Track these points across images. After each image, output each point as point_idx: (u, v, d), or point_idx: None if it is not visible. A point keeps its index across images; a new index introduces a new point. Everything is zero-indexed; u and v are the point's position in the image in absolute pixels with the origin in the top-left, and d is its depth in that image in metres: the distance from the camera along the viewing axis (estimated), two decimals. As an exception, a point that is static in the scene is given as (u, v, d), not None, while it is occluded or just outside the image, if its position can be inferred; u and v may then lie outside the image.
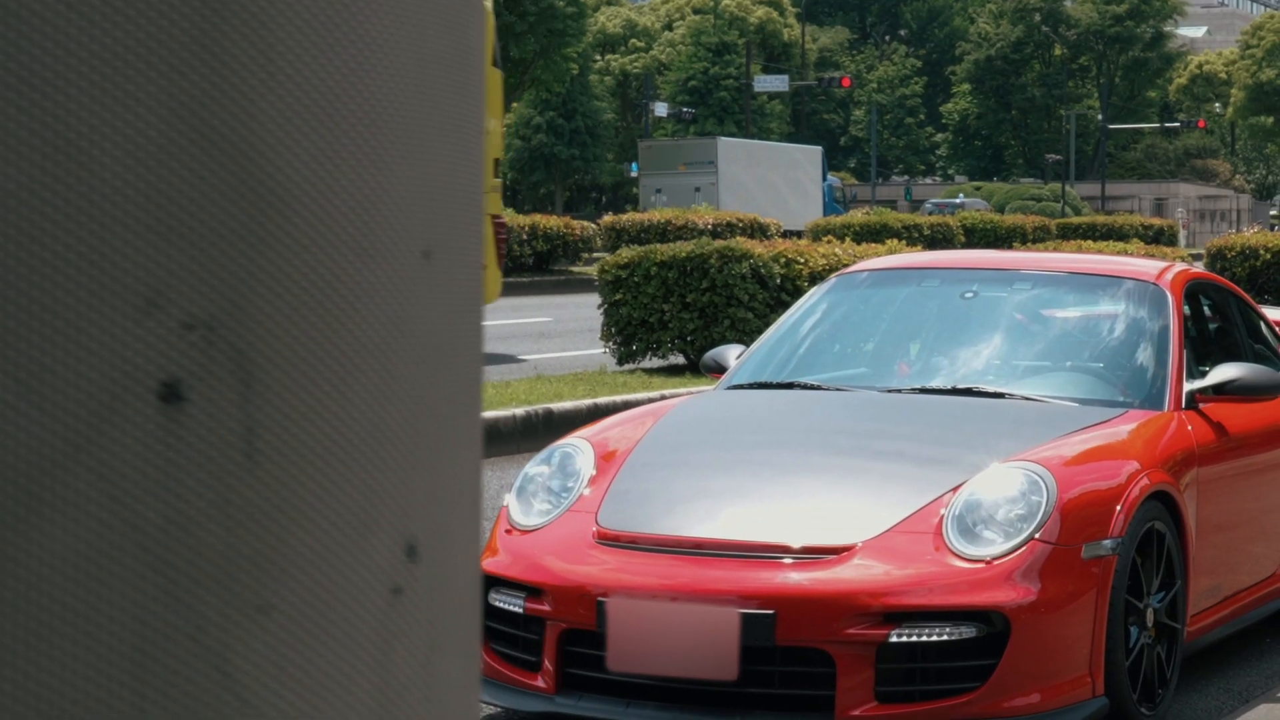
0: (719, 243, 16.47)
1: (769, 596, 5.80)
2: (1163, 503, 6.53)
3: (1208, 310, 8.13)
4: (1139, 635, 6.27)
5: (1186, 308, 7.69)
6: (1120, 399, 7.10)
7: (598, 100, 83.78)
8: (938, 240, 44.13)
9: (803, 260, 16.78)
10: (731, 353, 7.87)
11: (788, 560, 5.91)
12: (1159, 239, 52.76)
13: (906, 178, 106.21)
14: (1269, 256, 22.46)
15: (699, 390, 9.53)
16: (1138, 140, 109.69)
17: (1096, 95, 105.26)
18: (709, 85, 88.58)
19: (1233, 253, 22.84)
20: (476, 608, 0.87)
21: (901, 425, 6.81)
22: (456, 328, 0.83)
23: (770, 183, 59.44)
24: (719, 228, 36.30)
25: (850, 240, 20.60)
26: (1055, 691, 5.90)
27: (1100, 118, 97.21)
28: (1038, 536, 5.96)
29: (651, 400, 12.04)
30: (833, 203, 65.95)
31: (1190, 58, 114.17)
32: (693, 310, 16.07)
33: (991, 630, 5.81)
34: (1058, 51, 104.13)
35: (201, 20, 0.75)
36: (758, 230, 38.00)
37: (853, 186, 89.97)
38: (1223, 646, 7.51)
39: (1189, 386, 7.19)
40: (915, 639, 5.76)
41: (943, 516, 6.01)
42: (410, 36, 0.79)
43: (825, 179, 65.16)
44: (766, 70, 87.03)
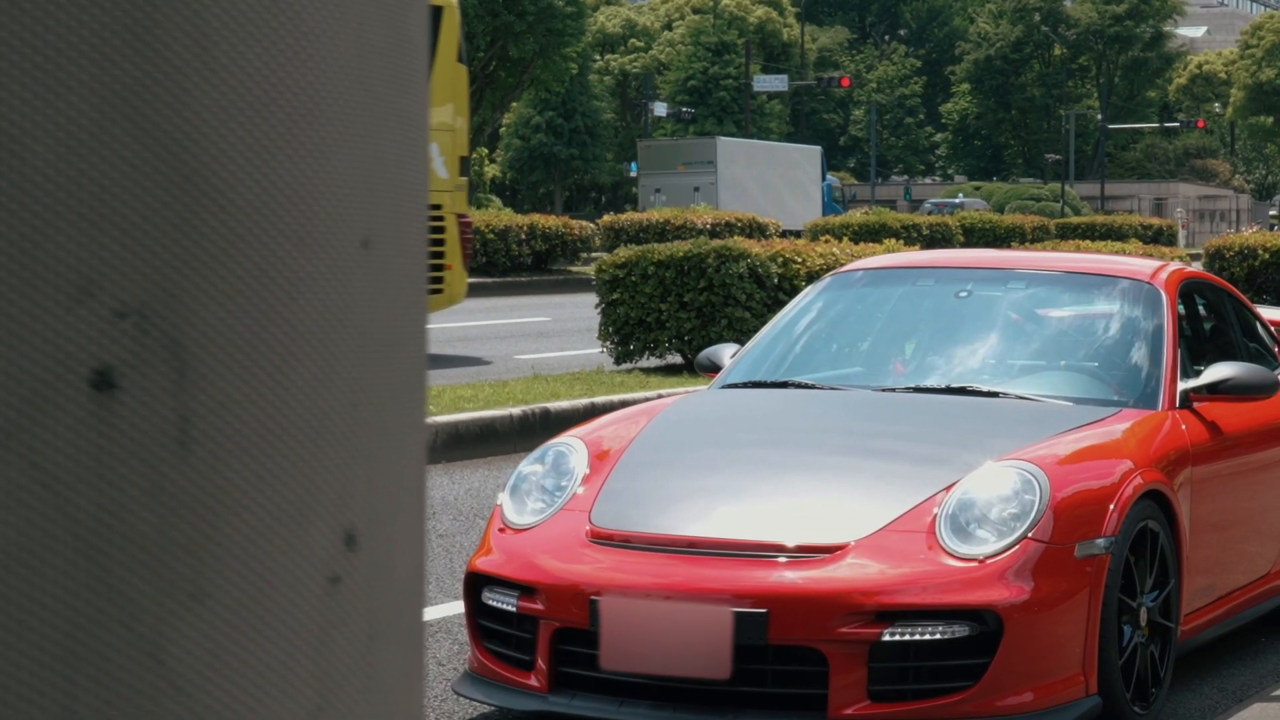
0: (716, 242, 16.47)
1: (762, 595, 5.80)
2: (1156, 502, 6.53)
3: (1202, 309, 8.13)
4: (1132, 634, 6.27)
5: (1181, 307, 7.69)
6: (1114, 398, 7.11)
7: (597, 100, 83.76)
8: (936, 240, 44.12)
9: (800, 260, 16.78)
10: (726, 352, 7.87)
11: (781, 559, 5.91)
12: (1158, 239, 52.76)
13: (906, 178, 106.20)
14: (1267, 256, 22.45)
15: (695, 390, 9.52)
16: (1137, 140, 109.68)
17: (1096, 95, 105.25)
18: (708, 85, 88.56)
19: (1231, 252, 22.83)
20: (419, 597, 0.87)
21: (895, 424, 6.81)
22: (397, 318, 0.83)
23: (769, 182, 59.44)
24: (718, 227, 36.29)
25: (848, 240, 20.59)
26: (1048, 690, 5.90)
27: (1100, 118, 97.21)
28: (1031, 535, 5.96)
29: (648, 400, 12.05)
30: (832, 203, 65.96)
31: (1190, 58, 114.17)
32: (690, 310, 16.07)
33: (984, 629, 5.81)
34: (1057, 51, 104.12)
35: (135, 10, 0.75)
36: (756, 230, 37.98)
37: (852, 186, 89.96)
38: (1217, 645, 7.51)
39: (1183, 386, 7.19)
40: (908, 638, 5.76)
41: (936, 515, 6.01)
42: (350, 28, 0.79)
43: (824, 179, 65.16)
44: (766, 70, 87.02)
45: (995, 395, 7.08)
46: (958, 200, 77.08)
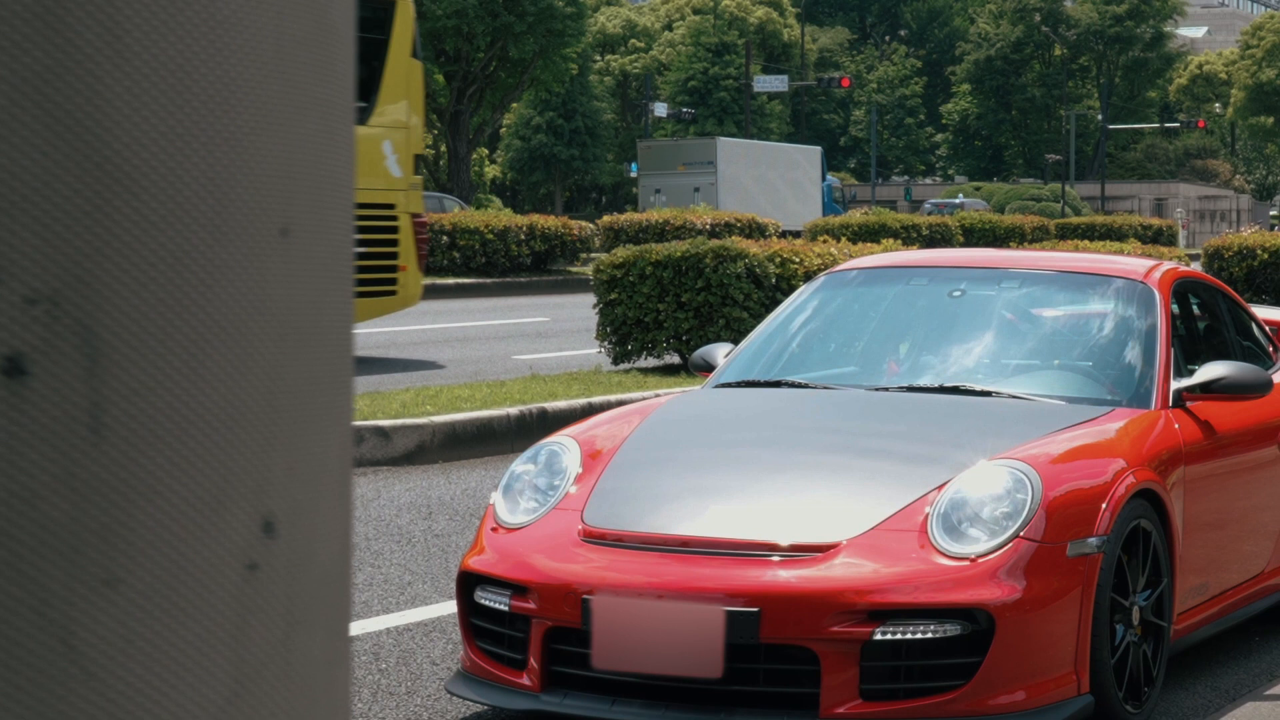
0: (714, 242, 16.45)
1: (754, 594, 5.80)
2: (1149, 501, 6.52)
3: (1196, 309, 8.12)
4: (1125, 633, 6.27)
5: (1175, 306, 7.68)
6: (1107, 397, 7.10)
7: (597, 100, 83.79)
8: (936, 240, 44.12)
9: (798, 260, 16.78)
10: (720, 351, 7.88)
11: (773, 558, 5.91)
12: (1158, 239, 52.75)
13: (906, 178, 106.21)
14: (1266, 256, 22.45)
15: (690, 389, 9.52)
16: (1138, 140, 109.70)
17: (1096, 95, 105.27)
18: (709, 85, 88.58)
19: (1230, 252, 22.83)
20: (344, 584, 0.87)
21: (888, 423, 6.81)
22: (318, 306, 0.83)
23: (769, 183, 59.45)
24: (717, 228, 36.29)
25: (846, 240, 20.59)
26: (1040, 689, 5.90)
27: (1100, 118, 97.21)
28: (1022, 534, 5.96)
29: (645, 400, 12.05)
30: (832, 203, 65.98)
31: (1190, 58, 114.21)
32: (688, 310, 16.06)
33: (976, 628, 5.81)
34: (1058, 52, 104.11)
35: None
36: (756, 230, 37.98)
37: (852, 187, 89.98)
38: (1211, 644, 7.51)
39: (1176, 385, 7.19)
40: (900, 637, 5.76)
41: (928, 514, 6.01)
42: (268, 17, 0.79)
43: (825, 179, 65.18)
44: (766, 70, 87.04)
45: (988, 394, 7.08)
46: (958, 201, 77.08)
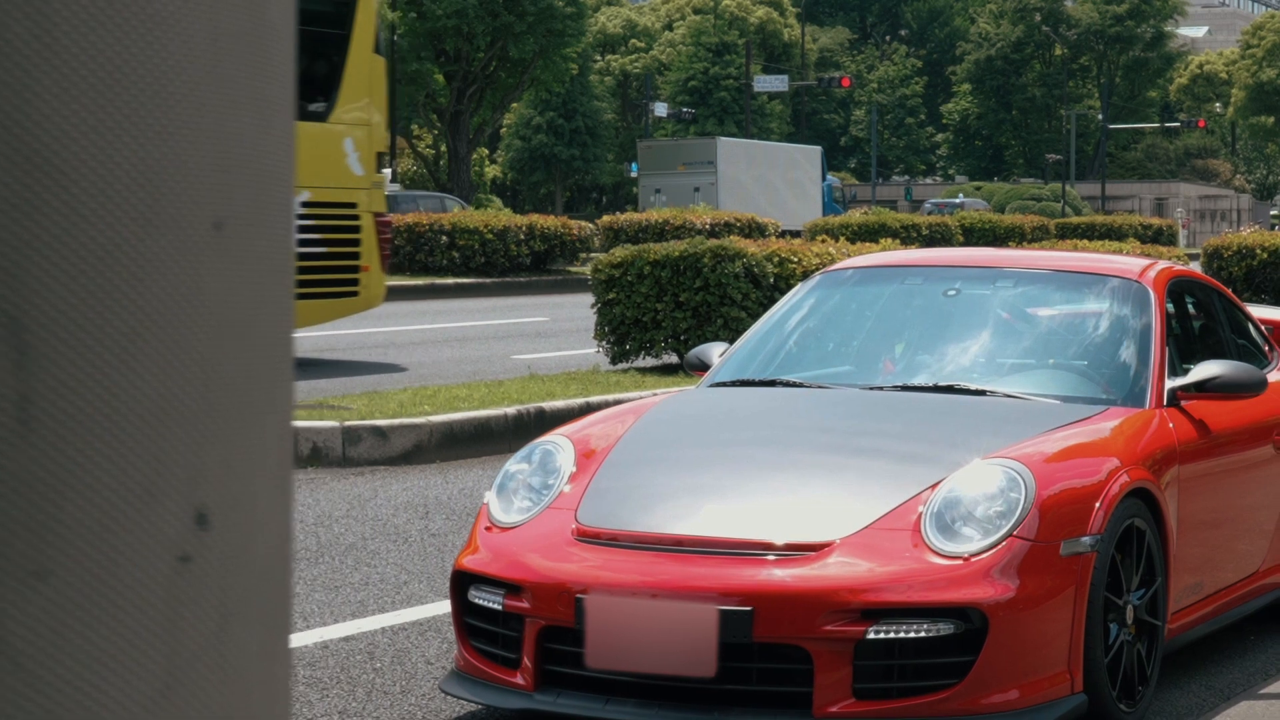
0: (712, 242, 16.45)
1: (747, 593, 5.80)
2: (1143, 500, 6.52)
3: (1192, 308, 8.12)
4: (1118, 632, 6.27)
5: (1170, 305, 7.68)
6: (1102, 396, 7.10)
7: (598, 100, 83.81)
8: (936, 240, 44.12)
9: (796, 259, 16.78)
10: (715, 350, 7.88)
11: (767, 557, 5.91)
12: (1158, 239, 52.76)
13: (907, 178, 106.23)
14: (1265, 256, 22.45)
15: (685, 389, 9.52)
16: (1138, 140, 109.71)
17: (1097, 95, 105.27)
18: (709, 85, 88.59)
19: (1229, 252, 22.83)
20: (283, 578, 0.87)
21: (882, 423, 6.81)
22: (254, 300, 0.82)
23: (769, 183, 59.46)
24: (716, 228, 36.30)
25: (844, 240, 20.59)
26: (1034, 688, 5.89)
27: (1100, 118, 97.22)
28: (1016, 533, 5.95)
29: (640, 399, 12.05)
30: (832, 203, 66.02)
31: (1191, 58, 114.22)
32: (686, 309, 16.06)
33: (969, 627, 5.80)
34: (1058, 51, 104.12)
35: None
36: (755, 230, 37.99)
37: (853, 186, 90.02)
38: (1206, 643, 7.51)
39: (1171, 384, 7.19)
40: (893, 636, 5.76)
41: (921, 513, 6.01)
42: (202, 12, 0.79)
43: (825, 179, 65.20)
44: (766, 70, 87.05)
45: (983, 394, 7.08)
46: (958, 200, 77.10)
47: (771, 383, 7.46)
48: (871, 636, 5.74)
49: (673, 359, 16.79)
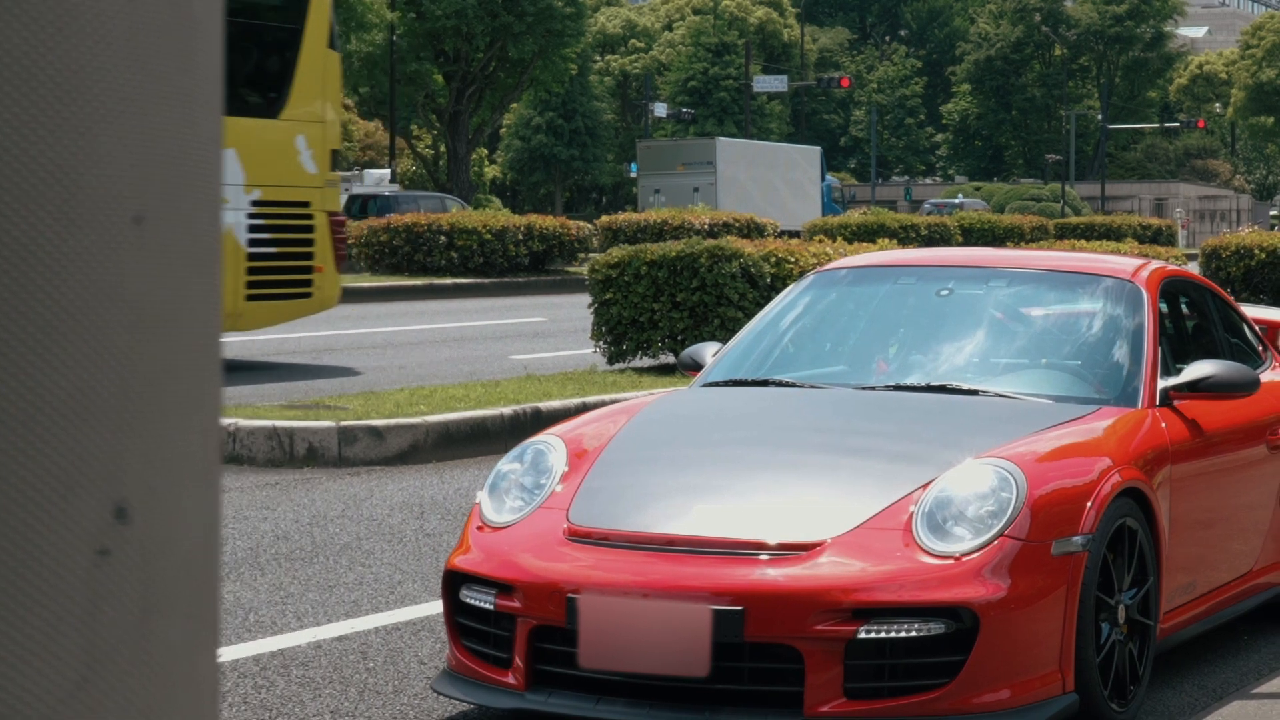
0: (709, 242, 16.44)
1: (738, 593, 5.80)
2: (1135, 499, 6.52)
3: (1185, 308, 8.12)
4: (1110, 632, 6.27)
5: (1164, 305, 7.68)
6: (1094, 396, 7.10)
7: (597, 101, 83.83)
8: (935, 240, 44.12)
9: (793, 260, 16.78)
10: (708, 350, 7.88)
11: (759, 556, 5.91)
12: (1157, 239, 52.76)
13: (906, 178, 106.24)
14: (1264, 256, 22.45)
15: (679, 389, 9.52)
16: (1138, 140, 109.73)
17: (1096, 95, 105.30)
18: (708, 86, 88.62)
19: (1227, 252, 22.84)
20: (208, 571, 0.87)
21: (875, 422, 6.81)
22: (177, 295, 0.82)
23: (768, 183, 59.46)
24: (715, 228, 36.29)
25: (842, 240, 20.60)
26: (1025, 688, 5.89)
27: (1100, 118, 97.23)
28: (1007, 533, 5.95)
29: (633, 399, 12.04)
30: (831, 203, 66.03)
31: (1190, 58, 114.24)
32: (683, 309, 16.06)
33: (960, 626, 5.80)
34: (1058, 52, 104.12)
35: None
36: (754, 230, 37.97)
37: (852, 187, 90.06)
38: (1199, 642, 7.51)
39: (1164, 384, 7.18)
40: (884, 635, 5.76)
41: (912, 513, 6.01)
42: (119, 6, 0.79)
43: (824, 179, 65.20)
44: (766, 70, 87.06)
45: (975, 393, 7.08)
46: (957, 201, 77.12)
47: (764, 382, 7.46)
48: (863, 636, 5.74)
49: (669, 359, 16.79)
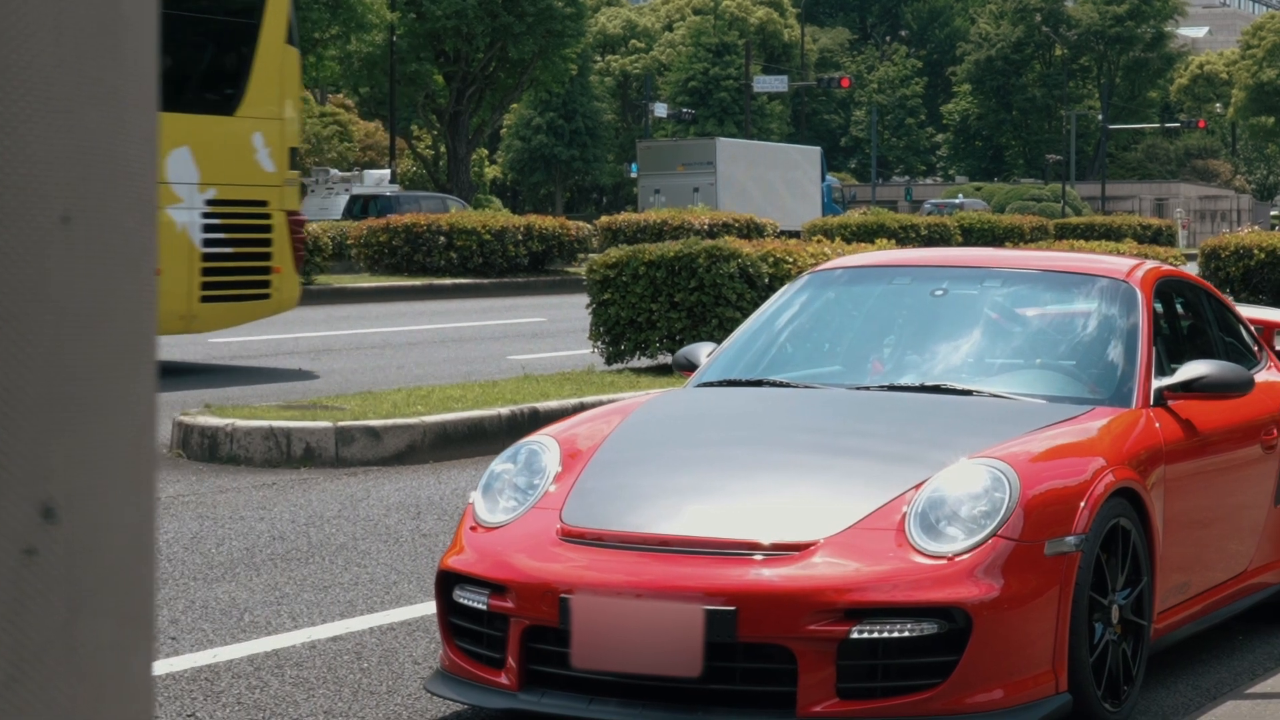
0: (707, 242, 16.45)
1: (731, 593, 5.79)
2: (1128, 499, 6.52)
3: (1180, 308, 8.12)
4: (1104, 632, 6.26)
5: (1159, 305, 7.68)
6: (1088, 396, 7.10)
7: (598, 101, 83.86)
8: (934, 241, 44.13)
9: (791, 260, 16.78)
10: (702, 350, 7.88)
11: (752, 556, 5.90)
12: (1156, 239, 52.76)
13: (907, 178, 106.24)
14: (1263, 256, 22.46)
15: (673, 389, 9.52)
16: (1138, 140, 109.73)
17: (1097, 95, 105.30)
18: (709, 86, 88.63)
19: (1227, 252, 22.84)
20: (140, 570, 0.86)
21: (868, 423, 6.81)
22: (106, 294, 0.82)
23: (769, 183, 59.46)
24: (715, 228, 36.30)
25: (841, 240, 20.59)
26: (1018, 688, 5.89)
27: (1101, 118, 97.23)
28: (1000, 533, 5.95)
29: (627, 399, 12.04)
30: (831, 203, 66.03)
31: (1191, 58, 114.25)
32: (681, 310, 16.06)
33: (953, 627, 5.80)
34: (1058, 52, 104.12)
35: None
36: (754, 230, 37.98)
37: (853, 187, 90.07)
38: (1193, 643, 7.50)
39: (1158, 384, 7.18)
40: (877, 635, 5.75)
41: (905, 513, 6.00)
42: (46, 4, 0.78)
43: (824, 179, 65.21)
44: (766, 71, 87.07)
45: (969, 393, 7.08)
46: (957, 201, 77.12)
47: (758, 383, 7.45)
48: (855, 636, 5.74)
49: (667, 359, 16.78)
